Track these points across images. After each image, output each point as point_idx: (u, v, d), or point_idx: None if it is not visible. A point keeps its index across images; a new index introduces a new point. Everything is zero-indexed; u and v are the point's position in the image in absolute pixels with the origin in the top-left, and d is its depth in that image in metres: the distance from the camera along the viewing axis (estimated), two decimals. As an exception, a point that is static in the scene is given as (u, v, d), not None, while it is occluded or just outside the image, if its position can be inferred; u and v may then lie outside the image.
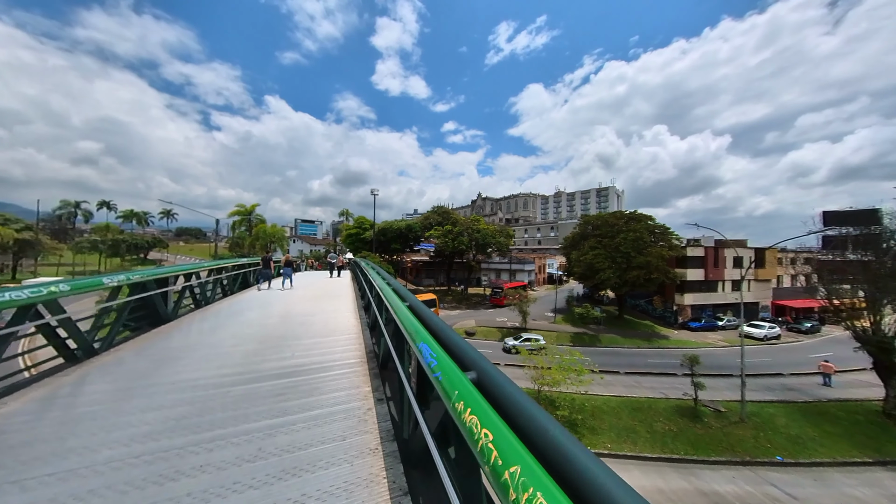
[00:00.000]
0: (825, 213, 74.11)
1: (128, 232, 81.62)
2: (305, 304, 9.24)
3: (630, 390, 19.25)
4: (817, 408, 17.41)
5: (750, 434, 14.87)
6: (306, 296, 10.87)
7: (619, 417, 15.93)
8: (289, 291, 11.87)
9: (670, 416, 16.12)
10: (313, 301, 9.84)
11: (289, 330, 6.54)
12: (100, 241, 57.23)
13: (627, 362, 25.19)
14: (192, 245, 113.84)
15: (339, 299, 10.22)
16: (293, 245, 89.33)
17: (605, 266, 33.38)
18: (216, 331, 6.67)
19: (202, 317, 7.97)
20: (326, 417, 3.28)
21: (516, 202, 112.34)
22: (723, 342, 32.20)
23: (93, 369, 4.62)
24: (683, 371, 22.96)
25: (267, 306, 9.00)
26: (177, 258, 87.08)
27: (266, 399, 3.64)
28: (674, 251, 34.43)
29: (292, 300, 9.98)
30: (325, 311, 8.29)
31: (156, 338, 6.17)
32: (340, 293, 11.59)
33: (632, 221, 35.93)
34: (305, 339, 5.98)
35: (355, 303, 9.62)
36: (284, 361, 4.83)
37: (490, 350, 27.42)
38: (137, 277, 6.16)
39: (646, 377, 21.95)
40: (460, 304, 44.00)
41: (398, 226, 45.82)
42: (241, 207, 40.04)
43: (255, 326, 6.85)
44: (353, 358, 5.03)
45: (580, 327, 34.04)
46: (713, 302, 40.30)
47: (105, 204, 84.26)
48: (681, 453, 13.76)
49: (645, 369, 23.45)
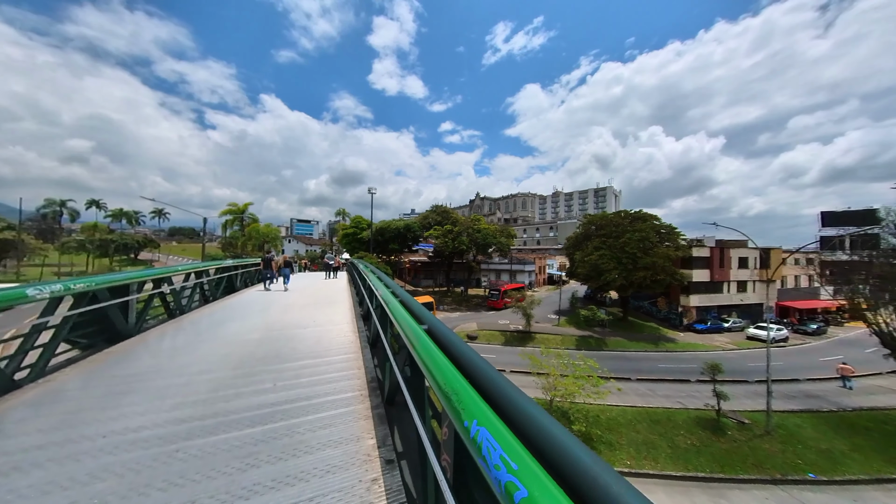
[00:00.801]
0: (823, 213, 73.44)
1: (117, 231, 79.68)
2: (296, 313, 8.05)
3: (645, 399, 18.18)
4: (844, 418, 16.44)
5: (778, 448, 13.86)
6: (298, 302, 9.67)
7: (636, 430, 14.86)
8: (280, 297, 10.68)
9: (691, 429, 15.06)
10: (306, 309, 8.65)
11: (273, 349, 5.36)
12: (87, 241, 55.41)
13: (637, 367, 24.18)
14: (184, 245, 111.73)
15: (334, 306, 9.04)
16: (288, 245, 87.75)
17: (611, 267, 32.38)
18: (184, 349, 5.46)
19: (172, 330, 6.75)
20: (312, 500, 2.16)
21: (515, 202, 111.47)
22: (731, 345, 31.31)
23: (6, 409, 3.43)
24: (697, 377, 22.03)
25: (251, 316, 7.80)
26: (168, 258, 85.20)
27: (228, 463, 2.49)
28: (680, 251, 33.49)
29: (282, 307, 8.79)
30: (318, 323, 7.10)
31: (107, 360, 4.96)
32: (336, 298, 10.40)
33: (637, 221, 34.98)
34: (292, 361, 4.80)
35: (353, 311, 8.45)
36: (262, 397, 3.66)
37: (494, 355, 26.27)
38: (81, 286, 4.92)
39: (659, 384, 20.92)
40: (460, 305, 42.84)
41: (396, 225, 44.58)
42: (233, 206, 38.53)
43: (233, 344, 5.66)
44: (351, 390, 3.89)
45: (585, 330, 33.02)
46: (718, 303, 39.52)
47: (94, 203, 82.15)
48: (706, 471, 12.70)
49: (656, 375, 22.45)
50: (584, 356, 16.03)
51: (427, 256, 60.48)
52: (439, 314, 37.99)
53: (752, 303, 41.89)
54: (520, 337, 29.83)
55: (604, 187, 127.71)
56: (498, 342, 29.24)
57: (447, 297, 46.49)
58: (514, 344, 28.99)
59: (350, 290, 12.66)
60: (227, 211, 38.20)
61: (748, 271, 41.15)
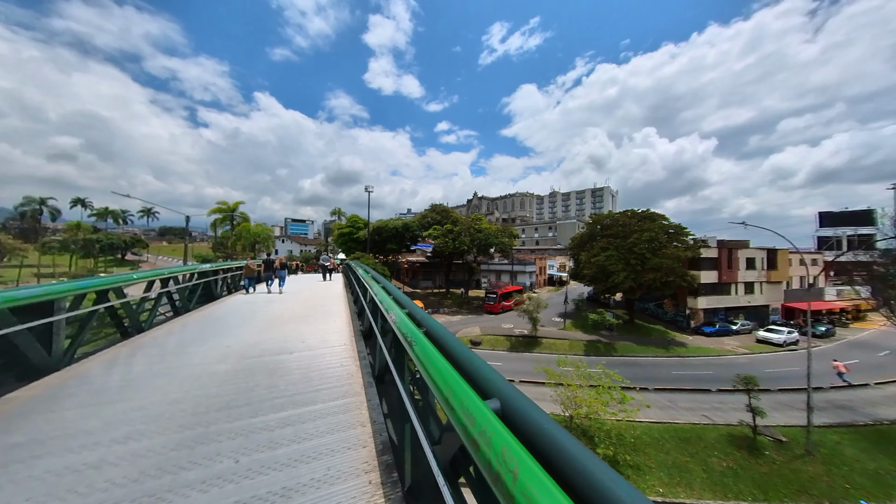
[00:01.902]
0: (821, 213, 72.75)
1: (104, 231, 77.03)
2: (282, 330, 6.49)
3: (668, 413, 16.82)
4: (882, 432, 15.23)
5: (822, 470, 12.57)
6: (285, 314, 8.10)
7: (665, 451, 13.48)
8: (265, 306, 9.12)
9: (725, 449, 13.72)
10: (294, 323, 7.09)
11: (243, 390, 3.82)
12: (70, 240, 52.97)
13: (651, 375, 22.87)
14: (175, 245, 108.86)
15: (328, 320, 7.50)
16: (282, 245, 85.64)
17: (619, 268, 31.10)
18: (118, 393, 3.87)
19: (119, 357, 5.15)
20: None
21: (513, 202, 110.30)
22: (743, 349, 30.16)
23: None
24: (718, 387, 20.77)
25: (225, 333, 6.23)
26: (158, 259, 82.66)
27: None
28: (689, 251, 32.31)
29: (265, 321, 7.22)
30: (307, 345, 5.56)
31: (6, 408, 3.42)
32: (331, 309, 8.84)
33: (645, 220, 33.76)
34: (267, 413, 3.27)
35: (351, 325, 6.92)
36: (219, 487, 2.16)
37: (501, 362, 24.76)
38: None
39: (678, 394, 19.59)
40: (461, 308, 41.32)
41: (394, 225, 42.94)
42: (222, 205, 36.52)
43: (190, 382, 4.10)
44: (353, 471, 2.40)
45: (591, 334, 31.69)
46: (725, 305, 38.56)
47: (80, 201, 79.49)
48: (748, 499, 11.36)
49: (674, 384, 21.13)
50: (604, 367, 14.60)
51: (425, 257, 58.94)
52: (439, 318, 36.47)
53: (758, 304, 41.07)
54: (525, 342, 28.41)
55: (601, 187, 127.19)
56: (503, 348, 27.79)
57: (447, 299, 44.95)
58: (520, 349, 27.57)
59: (346, 296, 11.12)
60: (216, 210, 36.19)
61: (755, 272, 40.27)
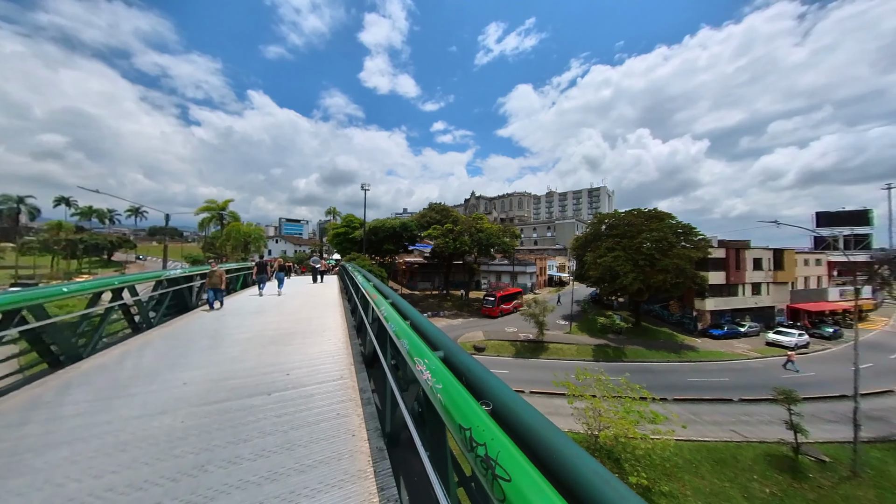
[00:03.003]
0: (818, 213, 72.44)
1: (90, 231, 74.33)
2: (261, 357, 4.94)
3: (694, 428, 15.48)
4: (927, 448, 14.08)
5: (872, 495, 11.35)
6: (268, 330, 6.55)
7: (699, 475, 12.17)
8: (245, 319, 7.58)
9: (765, 471, 12.45)
10: (278, 344, 5.56)
11: (191, 467, 2.33)
12: (51, 240, 50.55)
13: (667, 383, 21.61)
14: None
15: (321, 339, 5.99)
16: (276, 245, 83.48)
17: (628, 269, 29.87)
18: (21, 459, 2.35)
19: (42, 396, 3.62)
20: None
21: (510, 201, 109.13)
22: (755, 353, 29.09)
23: None
24: (740, 396, 19.60)
25: (185, 363, 4.69)
26: (146, 261, 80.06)
27: None
28: (699, 252, 31.20)
29: (240, 343, 5.66)
30: (292, 381, 4.05)
31: None
32: (325, 323, 7.30)
33: (653, 220, 32.61)
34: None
35: (349, 347, 5.43)
36: None
37: (507, 370, 23.34)
38: None
39: (700, 405, 18.34)
40: (461, 310, 39.87)
41: (392, 224, 41.34)
42: (211, 203, 34.53)
43: (113, 450, 2.59)
44: None
45: (599, 337, 30.44)
46: (732, 307, 37.63)
47: (64, 200, 76.65)
48: (800, 532, 10.08)
49: (693, 393, 19.89)
50: (628, 380, 13.25)
51: (423, 257, 57.34)
52: (440, 322, 35.00)
53: (764, 305, 40.27)
54: (531, 347, 27.05)
55: (597, 187, 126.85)
56: (508, 353, 26.38)
57: (446, 301, 43.50)
58: (526, 355, 26.21)
59: (342, 304, 9.62)
60: (204, 208, 34.19)
61: (762, 273, 39.44)
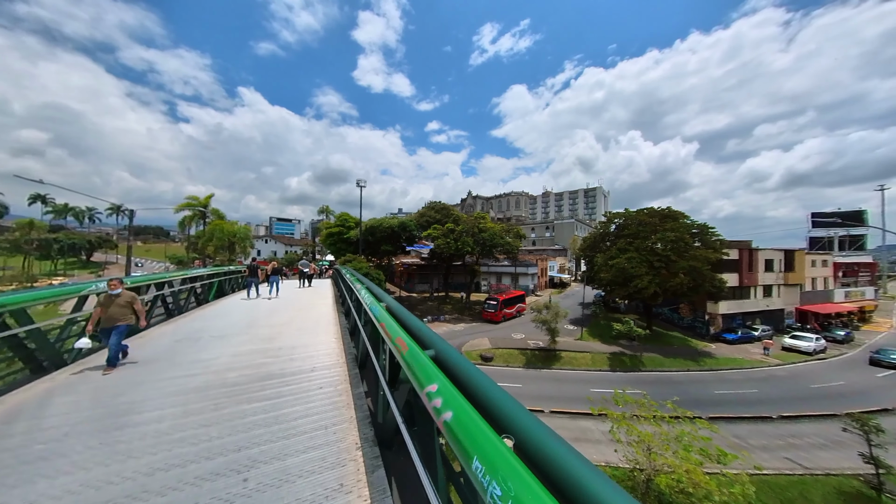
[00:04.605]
0: (813, 214, 71.73)
1: (66, 231, 70.45)
2: (219, 409, 2.78)
3: (743, 455, 13.60)
4: None
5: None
6: (234, 368, 4.33)
7: (769, 519, 10.32)
8: (204, 350, 5.37)
9: (843, 514, 10.66)
10: (240, 398, 3.38)
11: None
12: (22, 240, 47.11)
13: (692, 396, 19.76)
14: (149, 245, 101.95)
15: (309, 381, 3.83)
16: (266, 246, 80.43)
17: (643, 272, 28.13)
18: None
19: None
20: None
21: (508, 201, 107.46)
22: (775, 359, 27.55)
23: None
24: (779, 413, 17.88)
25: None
26: (142, 266, 76.29)
27: None
28: (717, 253, 29.61)
29: (192, 391, 3.47)
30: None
31: None
32: (316, 351, 5.11)
33: (667, 219, 30.97)
34: None
35: (350, 392, 3.29)
36: None
37: (520, 384, 21.18)
38: None
39: (738, 424, 16.52)
40: (462, 314, 37.79)
41: (389, 224, 39.08)
42: (192, 200, 31.60)
43: None
44: None
45: (611, 344, 28.61)
46: (744, 310, 36.30)
47: (40, 197, 72.63)
48: None
49: (726, 409, 18.09)
50: (675, 405, 11.34)
51: (420, 258, 55.12)
52: (440, 327, 32.87)
53: (773, 308, 39.10)
54: (543, 356, 25.08)
55: (594, 188, 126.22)
56: (518, 363, 24.35)
57: (446, 305, 41.38)
58: (538, 365, 24.22)
59: (337, 320, 7.45)
60: (185, 205, 31.29)
61: (773, 274, 38.23)
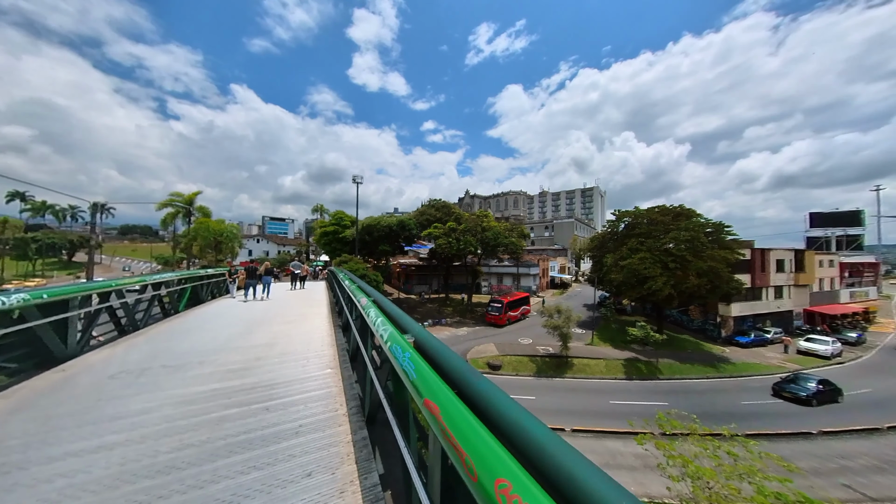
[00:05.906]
0: (811, 214, 71.07)
1: (45, 230, 67.31)
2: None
3: (800, 484, 12.00)
4: None
5: None
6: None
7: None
8: (162, 380, 3.55)
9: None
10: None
11: None
12: (-5, 239, 44.34)
13: (718, 408, 18.23)
14: (136, 245, 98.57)
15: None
16: (258, 245, 77.88)
17: (657, 273, 26.62)
18: None
19: None
20: None
21: (506, 200, 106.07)
22: (795, 365, 26.20)
23: None
24: (819, 429, 16.41)
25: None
26: (113, 261, 73.27)
27: None
28: (735, 253, 28.19)
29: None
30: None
31: None
32: (302, 394, 3.32)
33: (680, 218, 29.53)
34: None
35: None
36: None
37: (534, 395, 19.44)
38: None
39: (777, 442, 14.92)
40: (464, 317, 36.05)
41: (387, 223, 37.19)
42: (175, 196, 29.20)
43: None
44: None
45: (623, 349, 27.06)
46: (756, 311, 35.15)
47: (18, 195, 69.33)
48: None
49: (760, 424, 16.54)
50: (731, 431, 9.72)
51: (419, 258, 53.24)
52: (442, 332, 31.08)
53: (783, 310, 38.08)
54: (554, 364, 23.43)
55: (591, 187, 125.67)
56: (528, 372, 22.64)
57: (447, 307, 39.61)
58: (549, 373, 22.55)
59: (334, 339, 5.62)
60: (167, 202, 28.84)
61: (784, 275, 37.13)
